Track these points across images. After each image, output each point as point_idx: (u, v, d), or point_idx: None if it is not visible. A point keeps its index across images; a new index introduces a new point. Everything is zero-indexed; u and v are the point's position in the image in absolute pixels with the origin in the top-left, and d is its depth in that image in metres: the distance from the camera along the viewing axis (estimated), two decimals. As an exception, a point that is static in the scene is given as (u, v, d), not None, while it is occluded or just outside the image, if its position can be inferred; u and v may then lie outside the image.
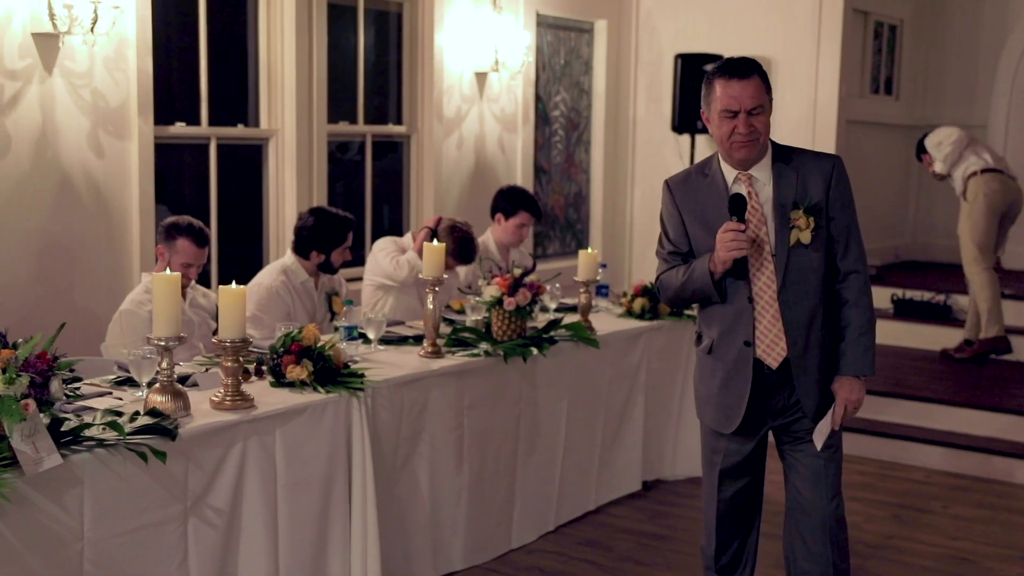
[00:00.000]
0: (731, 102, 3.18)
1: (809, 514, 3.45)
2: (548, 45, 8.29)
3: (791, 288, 3.25)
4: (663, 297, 3.50)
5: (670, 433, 5.62)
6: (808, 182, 3.26)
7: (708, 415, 3.48)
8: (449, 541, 4.34)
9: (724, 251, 3.18)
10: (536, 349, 4.56)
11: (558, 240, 8.66)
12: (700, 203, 3.34)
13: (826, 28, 8.18)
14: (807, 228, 3.22)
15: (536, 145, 8.23)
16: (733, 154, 3.25)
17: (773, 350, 3.28)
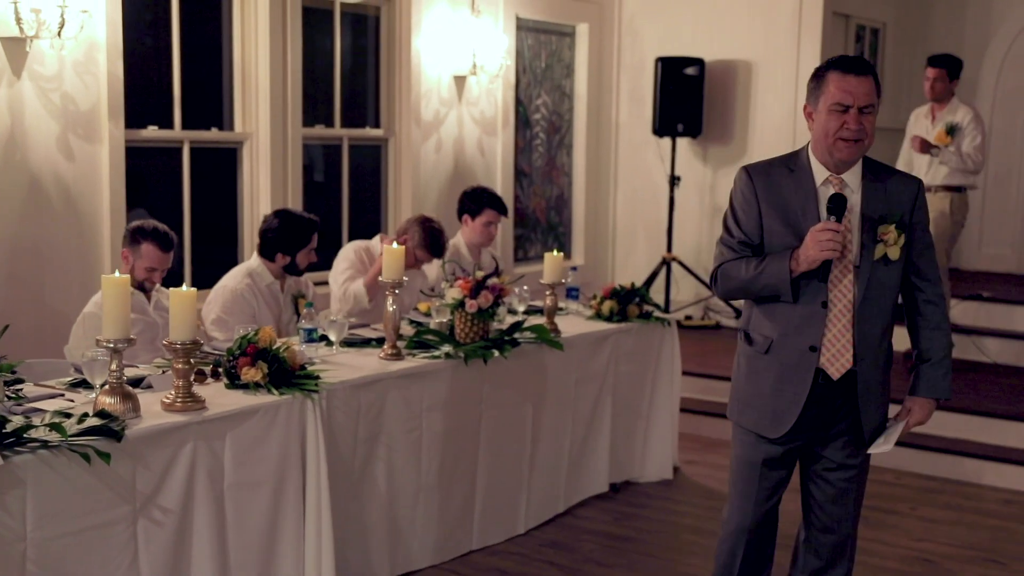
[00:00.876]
0: (845, 96, 3.08)
1: (831, 532, 3.39)
2: (529, 48, 8.32)
3: (869, 303, 3.17)
4: (720, 288, 3.33)
5: (639, 435, 5.64)
6: (894, 199, 3.18)
7: (750, 418, 3.34)
8: (408, 541, 4.36)
9: (817, 250, 3.05)
10: (497, 351, 4.57)
11: (540, 243, 8.68)
12: (783, 196, 3.20)
13: (806, 31, 8.20)
14: (896, 244, 3.14)
15: (517, 148, 8.25)
16: (835, 152, 3.14)
17: (839, 360, 3.19)
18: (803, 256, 3.09)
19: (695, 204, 8.74)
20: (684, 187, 8.62)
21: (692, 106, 8.35)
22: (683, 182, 8.58)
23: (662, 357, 5.65)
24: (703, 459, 6.14)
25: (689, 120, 8.35)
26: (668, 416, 5.68)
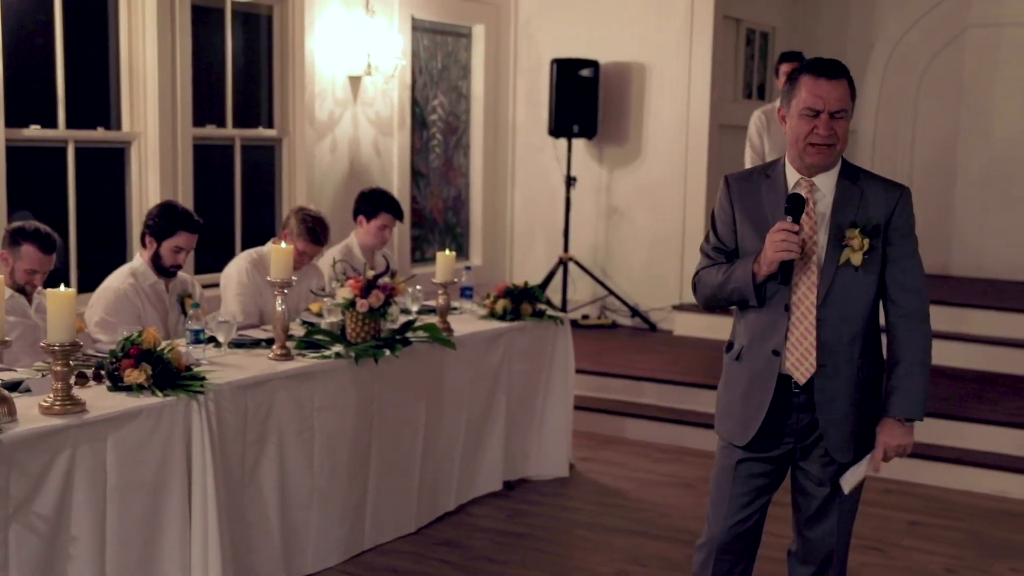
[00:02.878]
0: (816, 101, 3.02)
1: (816, 546, 3.31)
2: (425, 49, 8.31)
3: (832, 306, 3.08)
4: (699, 295, 3.28)
5: (534, 433, 5.67)
6: (871, 205, 3.09)
7: (725, 426, 3.28)
8: (301, 543, 4.32)
9: (773, 251, 3.00)
10: (388, 350, 4.57)
11: (437, 244, 8.68)
12: (757, 202, 3.17)
13: (698, 35, 8.34)
14: (860, 250, 3.05)
15: (413, 149, 8.24)
16: (805, 157, 3.08)
17: (802, 364, 3.11)
18: (763, 258, 3.06)
19: (591, 205, 8.83)
20: (580, 188, 8.70)
21: (587, 107, 8.43)
22: (579, 183, 8.65)
23: (556, 355, 5.70)
24: (598, 456, 6.20)
25: (585, 121, 8.43)
26: (563, 414, 5.72)
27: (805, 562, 3.36)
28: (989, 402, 6.34)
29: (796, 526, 3.38)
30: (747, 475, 3.26)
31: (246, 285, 5.19)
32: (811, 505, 3.28)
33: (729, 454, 3.29)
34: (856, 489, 3.22)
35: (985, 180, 9.05)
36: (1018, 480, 5.70)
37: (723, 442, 3.32)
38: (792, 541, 3.42)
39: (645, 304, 8.65)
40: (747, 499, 3.27)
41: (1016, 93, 9.01)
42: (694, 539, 4.88)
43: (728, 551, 3.32)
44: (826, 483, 3.22)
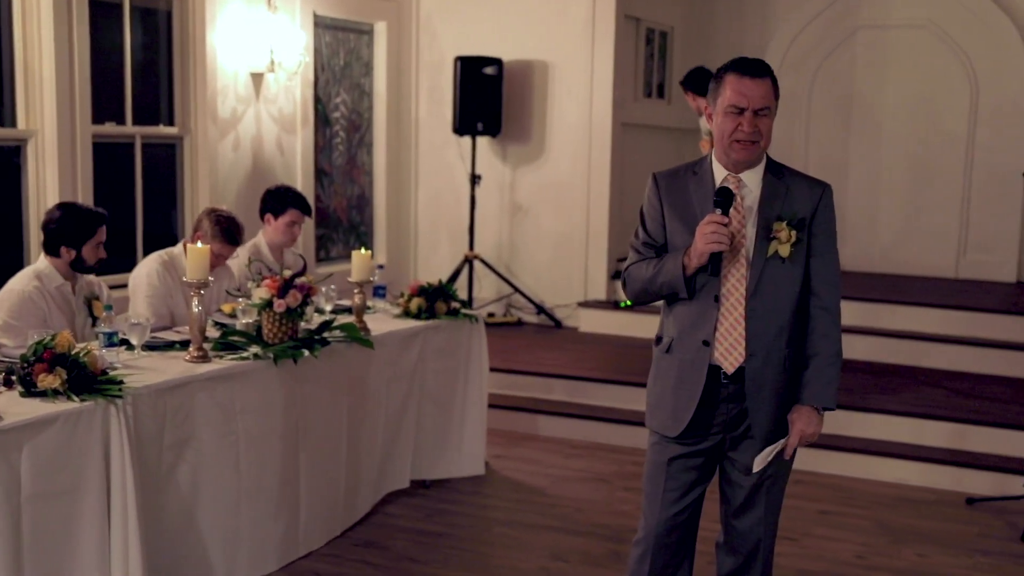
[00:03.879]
0: (740, 99, 3.09)
1: (744, 536, 3.36)
2: (327, 46, 8.22)
3: (761, 298, 3.15)
4: (628, 290, 3.33)
5: (452, 431, 5.65)
6: (796, 200, 3.18)
7: (655, 419, 3.32)
8: (232, 549, 4.23)
9: (703, 243, 3.07)
10: (308, 351, 4.50)
11: (341, 242, 8.60)
12: (684, 198, 3.23)
13: (600, 34, 8.42)
14: (787, 241, 3.13)
15: (317, 147, 8.15)
16: (731, 153, 3.15)
17: (731, 354, 3.18)
18: (693, 250, 3.11)
19: (496, 202, 8.84)
20: (485, 186, 8.70)
21: (491, 105, 8.44)
22: (484, 181, 8.66)
23: (471, 353, 5.69)
24: (511, 454, 6.22)
25: (489, 119, 8.44)
26: (478, 412, 5.72)
27: (733, 553, 3.42)
28: (888, 393, 6.54)
29: (724, 517, 3.43)
30: (680, 469, 3.30)
31: (156, 287, 5.06)
32: (739, 495, 3.34)
33: (661, 449, 3.33)
34: (771, 475, 3.28)
35: (875, 177, 9.32)
36: (916, 467, 5.89)
37: (655, 436, 3.36)
38: (719, 533, 3.48)
39: (550, 301, 8.70)
40: (681, 492, 3.31)
41: (904, 92, 9.30)
42: (613, 534, 5.01)
43: (665, 545, 3.36)
44: (754, 471, 3.27)
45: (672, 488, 3.31)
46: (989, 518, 5.36)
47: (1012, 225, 8.98)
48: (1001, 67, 8.92)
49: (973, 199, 9.11)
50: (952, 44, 9.08)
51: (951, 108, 9.13)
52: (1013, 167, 8.90)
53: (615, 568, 4.62)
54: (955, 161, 9.14)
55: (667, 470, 3.31)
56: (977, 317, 7.45)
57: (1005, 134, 8.96)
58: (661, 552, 3.36)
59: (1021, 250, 9.01)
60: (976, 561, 4.82)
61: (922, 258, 9.29)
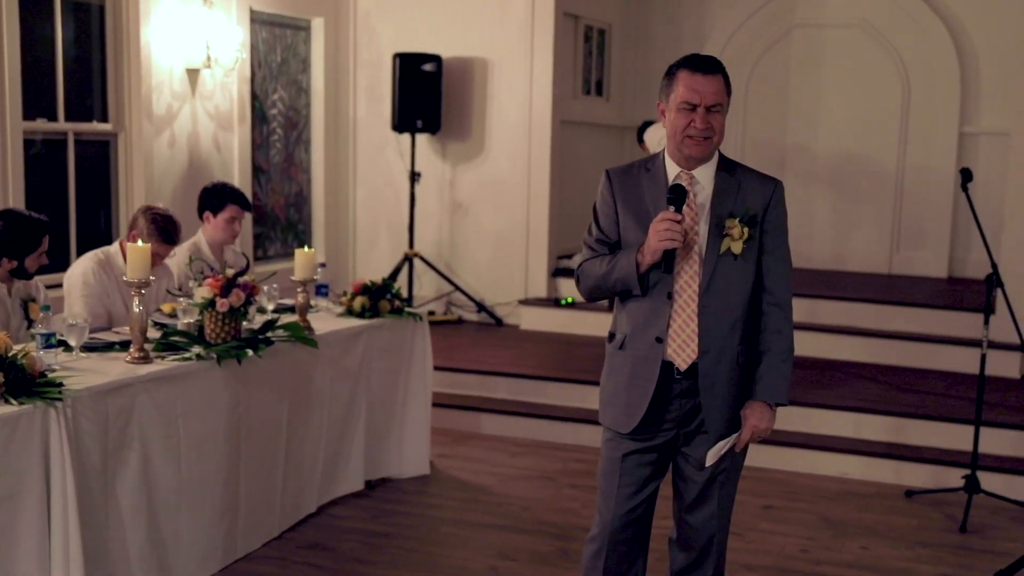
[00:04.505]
0: (692, 95, 3.09)
1: (697, 531, 3.35)
2: (264, 42, 8.12)
3: (714, 294, 3.16)
4: (582, 287, 3.32)
5: (395, 431, 5.61)
6: (748, 196, 3.19)
7: (609, 415, 3.32)
8: (172, 552, 4.14)
9: (656, 240, 3.06)
10: (251, 351, 4.43)
11: (279, 241, 8.50)
12: (638, 195, 3.23)
13: (539, 31, 8.41)
14: (740, 238, 3.14)
15: (254, 144, 8.04)
16: (683, 149, 3.15)
17: (684, 351, 3.17)
18: (647, 247, 3.11)
19: (436, 200, 8.80)
20: (425, 183, 8.66)
21: (431, 103, 8.39)
22: (423, 178, 8.62)
23: (415, 352, 5.65)
24: (455, 452, 6.19)
25: (428, 116, 8.39)
26: (422, 411, 5.68)
27: (686, 548, 3.42)
28: (827, 388, 6.61)
29: (677, 513, 3.43)
30: (634, 465, 3.30)
31: (93, 286, 4.94)
32: (692, 491, 3.34)
33: (615, 446, 3.32)
34: (724, 470, 3.29)
35: (811, 175, 9.43)
36: (857, 461, 5.96)
37: (608, 433, 3.35)
38: (672, 529, 3.48)
39: (491, 299, 8.68)
40: (635, 488, 3.31)
41: (838, 90, 9.43)
42: (560, 532, 5.00)
43: (620, 541, 3.35)
44: (707, 466, 3.28)
45: (627, 484, 3.31)
46: (928, 510, 5.44)
47: (943, 222, 9.14)
48: (932, 66, 9.08)
49: (906, 196, 9.26)
50: (885, 43, 9.22)
51: (884, 106, 9.28)
52: (944, 165, 9.07)
53: (564, 566, 4.62)
54: (888, 159, 9.29)
55: (621, 466, 3.30)
56: (911, 312, 7.57)
57: (936, 133, 9.12)
58: (616, 548, 3.36)
59: (952, 246, 9.17)
60: (917, 553, 4.89)
61: (857, 254, 9.43)
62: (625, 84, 10.13)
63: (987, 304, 5.29)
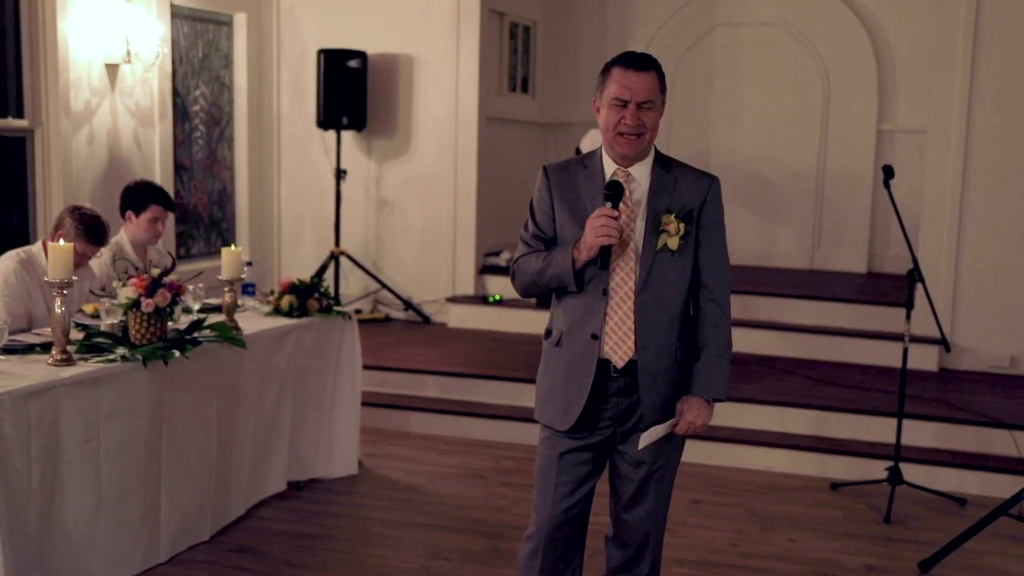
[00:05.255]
0: (624, 91, 3.10)
1: (634, 528, 3.35)
2: (185, 37, 7.98)
3: (651, 291, 3.15)
4: (517, 283, 3.30)
5: (324, 431, 5.55)
6: (684, 192, 3.19)
7: (546, 413, 3.30)
8: (88, 559, 4.05)
9: (593, 236, 3.05)
10: (178, 351, 4.35)
11: (203, 239, 8.36)
12: (574, 191, 3.22)
13: (465, 28, 8.38)
14: (676, 234, 3.14)
15: (175, 141, 7.89)
16: (616, 147, 3.16)
17: (620, 348, 3.17)
18: (583, 243, 3.11)
19: (362, 198, 8.73)
20: (350, 181, 8.59)
21: (356, 99, 8.32)
22: (349, 176, 8.55)
23: (343, 351, 5.60)
24: (384, 452, 6.15)
25: (353, 113, 8.32)
26: (351, 411, 5.63)
27: (622, 546, 3.43)
28: (753, 382, 6.70)
29: (613, 511, 3.44)
30: (571, 463, 3.29)
31: (14, 286, 4.81)
32: (628, 489, 3.35)
33: (552, 444, 3.32)
34: (661, 466, 3.30)
35: (734, 171, 9.54)
36: (783, 455, 6.05)
37: (546, 431, 3.34)
38: (608, 526, 3.49)
39: (418, 297, 8.64)
40: (572, 487, 3.30)
41: (760, 88, 9.55)
42: (492, 530, 4.99)
43: (557, 539, 3.34)
44: (643, 463, 3.29)
45: (564, 483, 3.30)
46: (853, 502, 5.53)
47: (863, 218, 9.32)
48: (850, 65, 9.25)
49: (826, 193, 9.42)
50: (805, 42, 9.37)
51: (805, 105, 9.43)
52: (863, 162, 9.25)
53: (496, 564, 4.61)
54: (809, 156, 9.44)
55: (558, 464, 3.30)
56: (833, 307, 7.70)
57: (855, 131, 9.30)
58: (553, 547, 3.35)
59: (872, 242, 9.35)
60: (843, 544, 4.97)
61: (779, 250, 9.57)
62: (550, 81, 10.15)
63: (909, 299, 5.40)
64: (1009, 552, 4.92)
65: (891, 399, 6.07)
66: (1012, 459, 5.78)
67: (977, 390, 6.69)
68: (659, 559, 3.46)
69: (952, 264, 7.22)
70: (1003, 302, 7.14)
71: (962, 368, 7.22)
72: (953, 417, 6.06)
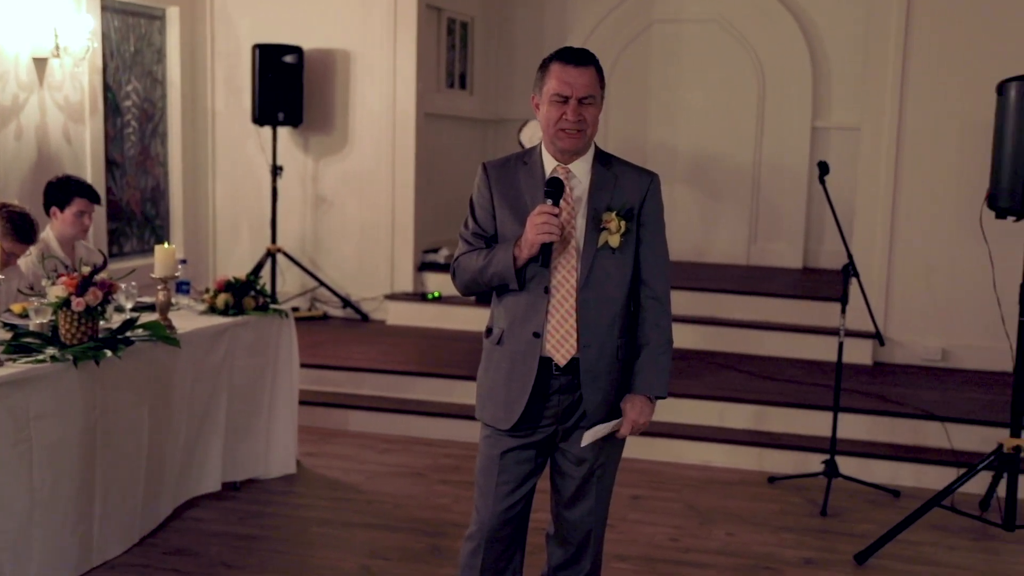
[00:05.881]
0: (564, 87, 3.08)
1: (575, 527, 3.34)
2: (116, 31, 7.83)
3: (592, 288, 3.14)
4: (458, 281, 3.28)
5: (262, 430, 5.48)
6: (625, 189, 3.18)
7: (487, 411, 3.28)
8: (23, 563, 3.96)
9: (534, 233, 3.03)
10: (110, 351, 4.26)
11: (136, 237, 8.22)
12: (515, 188, 3.20)
13: (402, 23, 8.33)
14: (617, 232, 3.12)
15: (107, 137, 7.75)
16: (557, 142, 3.13)
17: (562, 346, 3.15)
18: (524, 241, 3.09)
19: (298, 194, 8.64)
20: (287, 177, 8.50)
21: (292, 95, 8.23)
22: (286, 172, 8.46)
23: (280, 349, 5.53)
24: (323, 451, 6.09)
25: (289, 109, 8.23)
26: (289, 410, 5.57)
27: (563, 544, 3.42)
28: (691, 378, 6.73)
29: (554, 509, 3.43)
30: (513, 462, 3.27)
31: None
32: (570, 487, 3.33)
33: (493, 442, 3.30)
34: (602, 464, 3.29)
35: (672, 167, 9.59)
36: (721, 449, 6.09)
37: (487, 430, 3.32)
38: (550, 524, 3.48)
39: (356, 294, 8.58)
40: (514, 485, 3.29)
41: (696, 84, 9.62)
42: (432, 529, 4.97)
43: (498, 539, 3.33)
44: (585, 461, 3.28)
45: (505, 481, 3.28)
46: (790, 495, 5.59)
47: (798, 214, 9.41)
48: (786, 62, 9.34)
49: (762, 189, 9.51)
50: (740, 39, 9.44)
51: (741, 101, 9.51)
52: (798, 159, 9.34)
53: (435, 563, 4.58)
54: (745, 152, 9.52)
55: (500, 463, 3.28)
56: (769, 302, 7.78)
57: (790, 127, 9.39)
58: (494, 546, 3.33)
59: (807, 237, 9.45)
60: (781, 537, 5.01)
61: (717, 246, 9.64)
62: (488, 77, 10.13)
63: (844, 293, 5.46)
64: (942, 543, 4.99)
65: (827, 393, 6.13)
66: (944, 451, 5.87)
67: (910, 383, 6.79)
68: (600, 556, 3.45)
69: (886, 259, 7.32)
70: (935, 296, 7.25)
71: (896, 362, 7.32)
72: (887, 410, 6.14)
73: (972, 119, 6.90)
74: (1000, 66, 5.89)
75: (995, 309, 5.52)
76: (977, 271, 6.04)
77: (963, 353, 7.23)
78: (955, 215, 7.06)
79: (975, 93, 6.77)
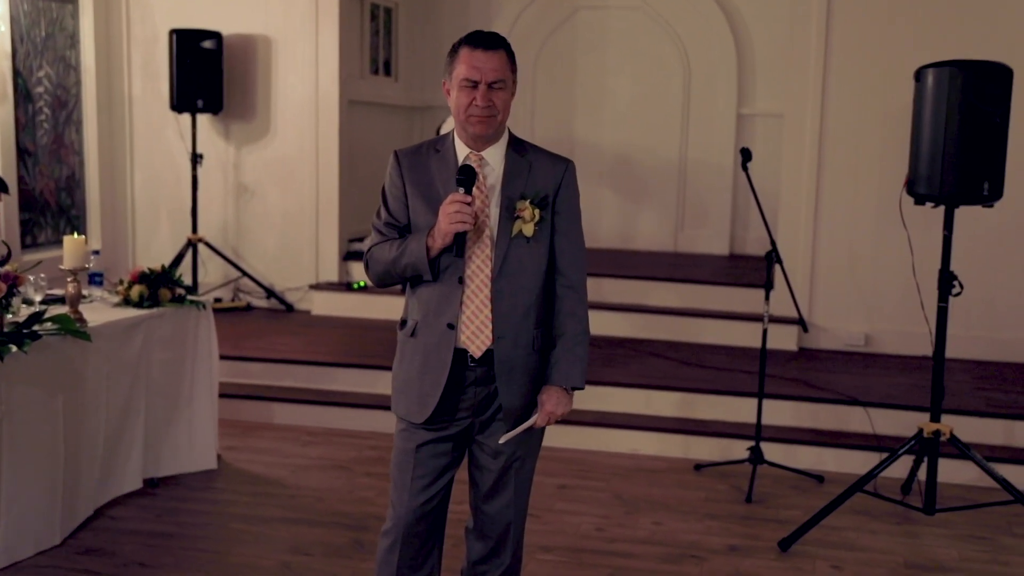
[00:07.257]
0: (472, 72, 3.01)
1: (493, 520, 3.28)
2: (26, 15, 7.60)
3: (507, 278, 3.08)
4: (372, 272, 3.21)
5: (181, 425, 5.35)
6: (539, 177, 3.12)
7: (402, 405, 3.22)
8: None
9: (447, 223, 2.97)
10: (16, 346, 4.12)
11: (50, 227, 8.00)
12: (427, 176, 3.13)
13: (324, 8, 8.20)
14: (531, 220, 3.06)
15: (18, 124, 7.52)
16: (468, 128, 3.07)
17: (478, 337, 3.10)
18: (437, 231, 3.02)
19: (220, 183, 8.47)
20: (207, 165, 8.33)
21: (211, 81, 8.06)
22: (206, 160, 8.29)
23: (199, 342, 5.40)
24: (244, 444, 5.97)
25: (209, 96, 8.05)
26: (208, 403, 5.44)
27: (483, 537, 3.36)
28: (617, 366, 6.72)
29: (473, 502, 3.37)
30: (429, 455, 3.21)
31: None
32: (488, 480, 3.28)
33: (409, 436, 3.23)
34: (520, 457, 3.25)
35: (599, 154, 9.57)
36: (648, 437, 6.07)
37: (402, 423, 3.26)
38: (469, 518, 3.42)
39: (281, 284, 8.44)
40: (430, 479, 3.23)
41: (622, 71, 9.59)
42: (355, 522, 4.89)
43: (415, 534, 3.26)
44: (503, 453, 3.23)
45: (421, 475, 3.22)
46: (716, 482, 5.59)
47: (724, 201, 9.44)
48: (710, 50, 9.35)
49: (688, 176, 9.52)
50: (666, 26, 9.43)
51: (667, 88, 9.50)
52: (724, 146, 9.37)
53: (358, 558, 4.51)
54: (671, 139, 9.51)
55: (415, 457, 3.21)
56: (695, 289, 7.79)
57: (716, 115, 9.41)
58: (411, 541, 3.27)
59: (733, 224, 9.49)
60: (707, 525, 5.01)
61: (643, 233, 9.64)
62: (413, 64, 10.01)
63: (767, 280, 5.46)
64: (864, 527, 5.03)
65: (753, 380, 6.14)
66: (867, 435, 5.92)
67: (834, 368, 6.84)
68: (521, 549, 3.40)
69: (810, 245, 7.36)
70: (858, 282, 7.32)
71: (820, 347, 7.38)
72: (811, 396, 6.18)
73: (893, 106, 6.96)
74: (919, 53, 5.94)
75: (916, 295, 5.56)
76: (899, 257, 6.09)
77: (886, 338, 7.31)
78: (877, 201, 7.12)
79: (896, 80, 6.82)
